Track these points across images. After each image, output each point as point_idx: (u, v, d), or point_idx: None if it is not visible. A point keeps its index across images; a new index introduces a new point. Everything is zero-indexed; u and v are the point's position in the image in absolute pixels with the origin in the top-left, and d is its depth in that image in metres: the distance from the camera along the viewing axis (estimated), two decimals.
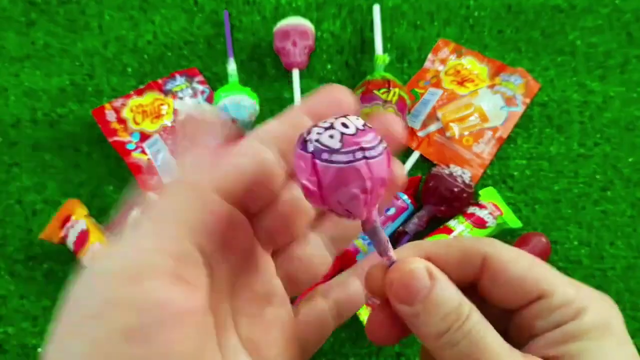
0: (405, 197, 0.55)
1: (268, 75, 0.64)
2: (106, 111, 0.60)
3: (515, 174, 0.59)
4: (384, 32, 0.65)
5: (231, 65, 0.61)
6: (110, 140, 0.59)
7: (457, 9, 0.67)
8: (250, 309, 0.21)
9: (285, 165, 0.21)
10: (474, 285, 0.20)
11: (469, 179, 0.54)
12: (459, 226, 0.53)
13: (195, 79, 0.63)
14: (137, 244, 0.17)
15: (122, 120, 0.60)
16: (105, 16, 0.67)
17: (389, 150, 0.18)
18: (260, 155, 0.20)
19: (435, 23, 0.67)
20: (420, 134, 0.60)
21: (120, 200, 0.58)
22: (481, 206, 0.55)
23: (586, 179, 0.59)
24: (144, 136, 0.60)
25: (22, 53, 0.64)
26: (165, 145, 0.59)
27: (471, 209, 0.54)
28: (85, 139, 0.60)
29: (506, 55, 0.65)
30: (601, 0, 0.67)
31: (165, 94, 0.62)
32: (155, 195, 0.18)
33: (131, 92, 0.62)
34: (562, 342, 0.18)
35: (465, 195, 0.53)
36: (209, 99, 0.62)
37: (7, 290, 0.54)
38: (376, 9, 0.64)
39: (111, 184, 0.58)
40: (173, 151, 0.59)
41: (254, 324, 0.21)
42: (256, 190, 0.20)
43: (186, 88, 0.63)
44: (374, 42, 0.63)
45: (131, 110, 0.61)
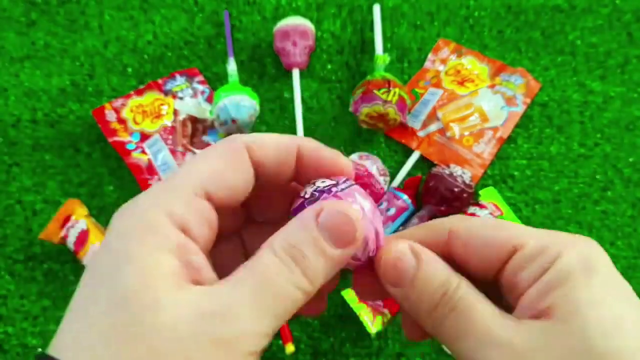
0: (405, 197, 0.55)
1: (268, 75, 0.64)
2: (106, 111, 0.60)
3: (516, 174, 0.59)
4: (384, 32, 0.65)
5: (231, 65, 0.61)
6: (110, 140, 0.59)
7: (457, 9, 0.67)
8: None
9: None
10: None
11: (469, 179, 0.54)
12: None
13: (195, 79, 0.63)
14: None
15: (122, 120, 0.60)
16: (105, 16, 0.67)
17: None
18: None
19: (435, 23, 0.67)
20: (420, 134, 0.60)
21: (121, 200, 0.58)
22: (481, 206, 0.55)
23: (586, 179, 0.59)
24: (144, 136, 0.60)
25: (22, 53, 0.64)
26: (165, 145, 0.59)
27: (471, 209, 0.54)
28: (85, 139, 0.60)
29: (506, 55, 0.65)
30: (601, 0, 0.67)
31: (165, 94, 0.62)
32: None
33: (131, 92, 0.62)
34: (546, 293, 0.17)
35: (465, 195, 0.53)
36: (209, 99, 0.62)
37: (7, 290, 0.54)
38: (376, 9, 0.64)
39: (111, 184, 0.58)
40: (173, 151, 0.59)
41: None
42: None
43: (186, 88, 0.63)
44: (374, 42, 0.63)
45: (131, 110, 0.61)
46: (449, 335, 0.19)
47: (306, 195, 0.20)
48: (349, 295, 0.50)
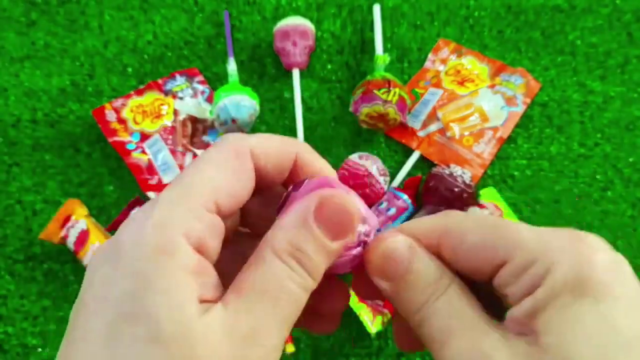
0: (405, 197, 0.55)
1: (268, 75, 0.64)
2: (106, 111, 0.60)
3: (516, 174, 0.59)
4: (384, 32, 0.65)
5: (231, 65, 0.61)
6: (110, 140, 0.59)
7: (457, 9, 0.67)
8: None
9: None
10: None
11: (469, 179, 0.54)
12: None
13: (196, 79, 0.63)
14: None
15: (122, 120, 0.60)
16: (105, 16, 0.67)
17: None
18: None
19: (435, 23, 0.67)
20: (420, 134, 0.60)
21: (121, 200, 0.58)
22: (481, 206, 0.55)
23: (586, 179, 0.59)
24: (144, 136, 0.60)
25: (22, 53, 0.64)
26: (165, 145, 0.59)
27: (471, 209, 0.54)
28: (85, 139, 0.60)
29: (506, 55, 0.65)
30: (601, 0, 0.67)
31: (166, 94, 0.62)
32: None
33: (131, 92, 0.62)
34: (533, 314, 0.16)
35: (465, 195, 0.53)
36: (209, 99, 0.62)
37: (7, 290, 0.54)
38: (376, 9, 0.64)
39: (111, 184, 0.58)
40: (173, 151, 0.59)
41: None
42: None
43: (186, 88, 0.63)
44: (374, 42, 0.63)
45: (131, 110, 0.61)
46: (432, 337, 0.18)
47: (288, 191, 0.20)
48: None
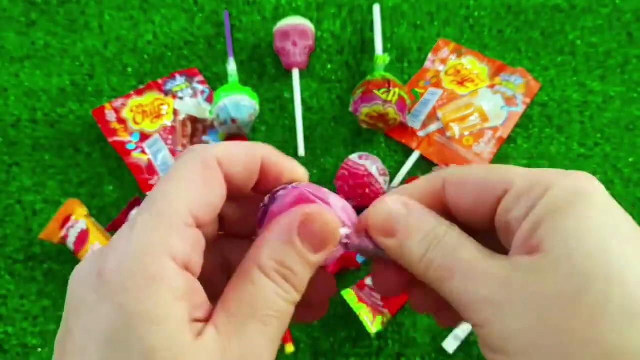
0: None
1: (268, 75, 0.64)
2: (106, 111, 0.60)
3: None
4: (384, 32, 0.65)
5: (231, 65, 0.61)
6: (110, 140, 0.59)
7: (457, 9, 0.67)
8: None
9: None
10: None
11: None
12: None
13: (195, 79, 0.63)
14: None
15: (122, 120, 0.60)
16: (105, 16, 0.67)
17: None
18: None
19: (435, 23, 0.67)
20: (420, 134, 0.60)
21: (121, 200, 0.58)
22: None
23: None
24: (144, 136, 0.60)
25: (22, 53, 0.64)
26: (165, 145, 0.59)
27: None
28: (85, 139, 0.60)
29: (506, 55, 0.65)
30: (601, 0, 0.67)
31: (165, 94, 0.62)
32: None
33: (131, 92, 0.62)
34: (536, 228, 0.17)
35: None
36: (209, 99, 0.62)
37: (7, 290, 0.54)
38: (376, 9, 0.64)
39: (111, 184, 0.58)
40: (173, 151, 0.59)
41: None
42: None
43: (186, 88, 0.63)
44: (374, 42, 0.63)
45: (131, 110, 0.61)
46: (438, 278, 0.19)
47: (264, 202, 0.21)
48: (349, 295, 0.50)
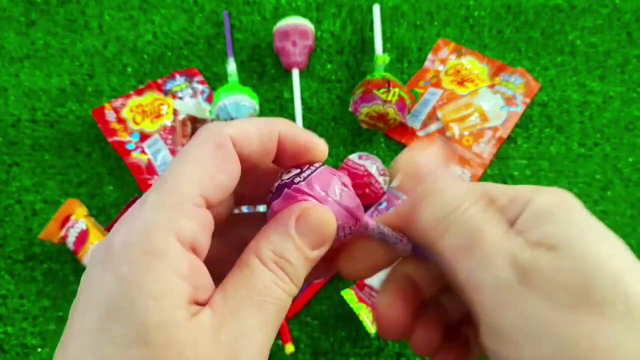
0: (405, 197, 0.55)
1: (268, 75, 0.64)
2: (106, 111, 0.60)
3: (515, 173, 0.59)
4: (384, 32, 0.65)
5: (231, 65, 0.61)
6: (110, 140, 0.59)
7: (457, 9, 0.67)
8: None
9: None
10: None
11: (469, 179, 0.54)
12: None
13: (195, 79, 0.63)
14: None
15: (122, 120, 0.60)
16: (105, 16, 0.67)
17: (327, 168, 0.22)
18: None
19: (435, 23, 0.67)
20: (420, 134, 0.60)
21: (120, 200, 0.58)
22: None
23: (586, 179, 0.59)
24: (144, 136, 0.60)
25: (22, 53, 0.64)
26: (165, 145, 0.59)
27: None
28: (85, 139, 0.60)
29: (506, 55, 0.65)
30: (601, 0, 0.67)
31: (165, 94, 0.62)
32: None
33: (131, 92, 0.62)
34: (538, 225, 0.18)
35: None
36: (209, 99, 0.62)
37: (7, 290, 0.54)
38: (376, 9, 0.64)
39: (111, 184, 0.58)
40: (173, 151, 0.59)
41: None
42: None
43: (186, 88, 0.63)
44: (374, 42, 0.63)
45: (131, 110, 0.61)
46: (452, 249, 0.19)
47: (272, 190, 0.21)
48: (349, 295, 0.50)
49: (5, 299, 0.53)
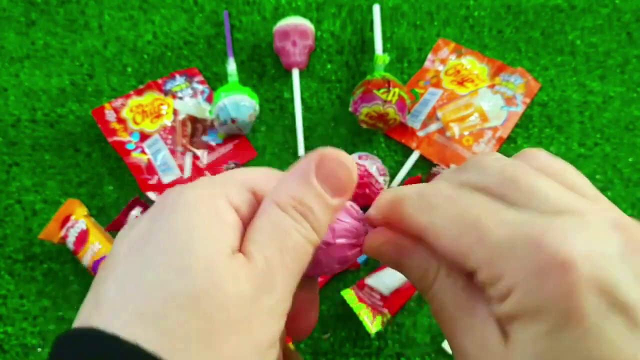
0: None
1: (268, 75, 0.64)
2: (106, 111, 0.60)
3: None
4: (384, 32, 0.65)
5: (231, 65, 0.61)
6: (110, 140, 0.59)
7: (457, 9, 0.67)
8: None
9: None
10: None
11: None
12: None
13: (195, 79, 0.63)
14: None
15: (122, 120, 0.60)
16: (105, 16, 0.67)
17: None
18: None
19: (435, 23, 0.67)
20: (420, 134, 0.60)
21: (120, 200, 0.58)
22: None
23: None
24: (144, 136, 0.60)
25: (22, 53, 0.64)
26: (165, 145, 0.59)
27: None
28: (85, 139, 0.60)
29: (506, 55, 0.65)
30: (601, 0, 0.67)
31: (165, 94, 0.62)
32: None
33: (131, 92, 0.62)
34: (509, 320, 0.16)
35: None
36: (209, 99, 0.62)
37: (7, 290, 0.54)
38: (376, 9, 0.64)
39: (111, 184, 0.58)
40: (173, 151, 0.59)
41: None
42: None
43: (186, 88, 0.63)
44: (374, 42, 0.63)
45: (131, 110, 0.61)
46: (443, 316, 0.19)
47: None
48: (349, 295, 0.50)
49: (5, 299, 0.53)
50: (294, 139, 0.60)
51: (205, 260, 0.16)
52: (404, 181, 0.58)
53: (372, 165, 0.54)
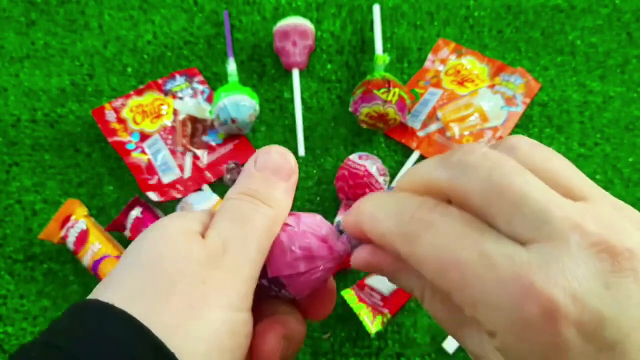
0: None
1: (268, 75, 0.64)
2: (106, 111, 0.60)
3: None
4: (384, 32, 0.65)
5: (231, 65, 0.61)
6: (110, 140, 0.59)
7: (457, 9, 0.67)
8: None
9: None
10: None
11: None
12: None
13: (195, 79, 0.63)
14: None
15: (122, 120, 0.60)
16: (105, 16, 0.67)
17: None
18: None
19: (435, 23, 0.67)
20: (420, 134, 0.60)
21: (120, 200, 0.58)
22: None
23: None
24: (144, 136, 0.60)
25: (22, 53, 0.64)
26: (165, 145, 0.59)
27: None
28: (85, 139, 0.60)
29: (506, 55, 0.65)
30: (601, 0, 0.67)
31: (165, 94, 0.62)
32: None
33: (131, 92, 0.62)
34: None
35: None
36: (209, 99, 0.62)
37: (7, 290, 0.54)
38: (376, 9, 0.64)
39: (111, 184, 0.58)
40: (173, 151, 0.59)
41: None
42: None
43: (186, 88, 0.63)
44: (374, 42, 0.63)
45: (131, 110, 0.61)
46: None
47: None
48: (349, 295, 0.50)
49: (5, 299, 0.53)
50: (294, 139, 0.60)
51: (166, 236, 0.20)
52: None
53: (372, 165, 0.54)
